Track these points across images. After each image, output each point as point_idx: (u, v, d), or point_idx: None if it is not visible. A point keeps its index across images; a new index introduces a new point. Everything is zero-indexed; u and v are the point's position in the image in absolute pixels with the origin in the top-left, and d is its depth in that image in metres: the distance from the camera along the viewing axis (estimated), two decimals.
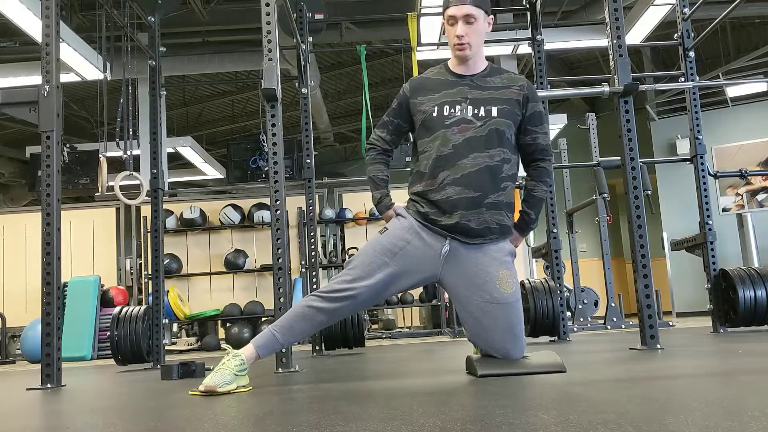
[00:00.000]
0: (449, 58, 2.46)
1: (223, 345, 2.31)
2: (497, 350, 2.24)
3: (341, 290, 2.25)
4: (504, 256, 2.32)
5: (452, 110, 2.33)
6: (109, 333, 4.15)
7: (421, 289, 7.11)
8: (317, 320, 2.27)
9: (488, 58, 2.48)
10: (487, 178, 2.27)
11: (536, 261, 7.71)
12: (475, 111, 2.32)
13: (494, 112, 2.31)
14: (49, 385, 2.78)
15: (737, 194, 9.31)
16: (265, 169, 7.96)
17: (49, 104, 2.96)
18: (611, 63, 3.21)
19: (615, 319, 6.17)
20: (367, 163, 2.52)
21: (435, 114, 2.34)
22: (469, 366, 2.29)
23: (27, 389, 2.79)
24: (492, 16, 2.41)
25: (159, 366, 3.63)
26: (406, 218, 2.35)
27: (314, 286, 4.79)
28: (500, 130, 2.31)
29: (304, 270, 6.92)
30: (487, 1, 2.37)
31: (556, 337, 4.25)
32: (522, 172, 2.49)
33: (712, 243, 4.30)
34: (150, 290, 5.37)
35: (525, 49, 7.17)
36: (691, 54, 4.47)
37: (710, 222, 4.34)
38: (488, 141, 2.29)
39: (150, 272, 4.80)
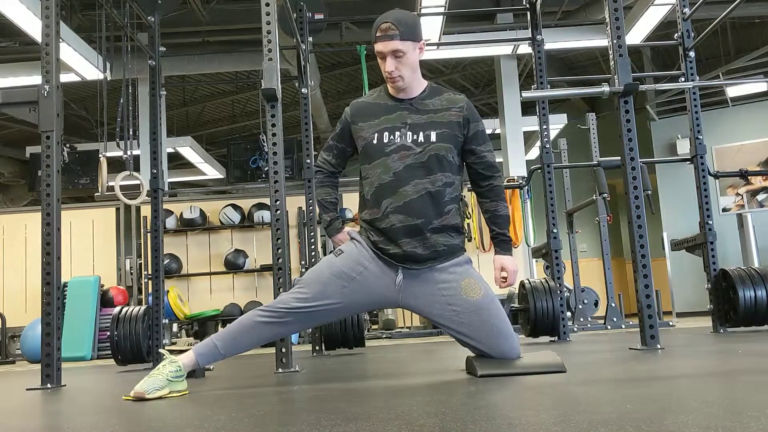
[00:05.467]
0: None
1: (161, 350, 2.29)
2: (490, 353, 2.24)
3: (294, 308, 2.24)
4: (459, 268, 2.30)
5: (392, 137, 2.31)
6: (109, 333, 4.15)
7: None
8: (265, 335, 2.28)
9: (489, 59, 2.46)
10: (429, 204, 2.26)
11: (536, 261, 7.70)
12: (414, 137, 2.29)
13: (433, 137, 2.29)
14: (49, 385, 2.78)
15: (737, 194, 9.31)
16: (265, 169, 7.96)
17: (49, 104, 2.96)
18: (611, 63, 3.21)
19: (615, 319, 6.16)
20: (315, 186, 2.55)
21: (375, 141, 2.32)
22: (469, 366, 2.29)
23: (27, 389, 2.79)
24: (423, 41, 2.33)
25: None
26: (361, 243, 2.33)
27: None
28: (440, 155, 2.28)
29: (304, 270, 6.91)
30: (415, 29, 2.29)
31: (556, 337, 4.25)
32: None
33: (712, 243, 4.30)
34: (150, 290, 5.37)
35: (525, 49, 7.17)
36: (691, 54, 4.47)
37: (710, 222, 4.33)
38: (428, 167, 2.27)
39: (150, 272, 4.80)
